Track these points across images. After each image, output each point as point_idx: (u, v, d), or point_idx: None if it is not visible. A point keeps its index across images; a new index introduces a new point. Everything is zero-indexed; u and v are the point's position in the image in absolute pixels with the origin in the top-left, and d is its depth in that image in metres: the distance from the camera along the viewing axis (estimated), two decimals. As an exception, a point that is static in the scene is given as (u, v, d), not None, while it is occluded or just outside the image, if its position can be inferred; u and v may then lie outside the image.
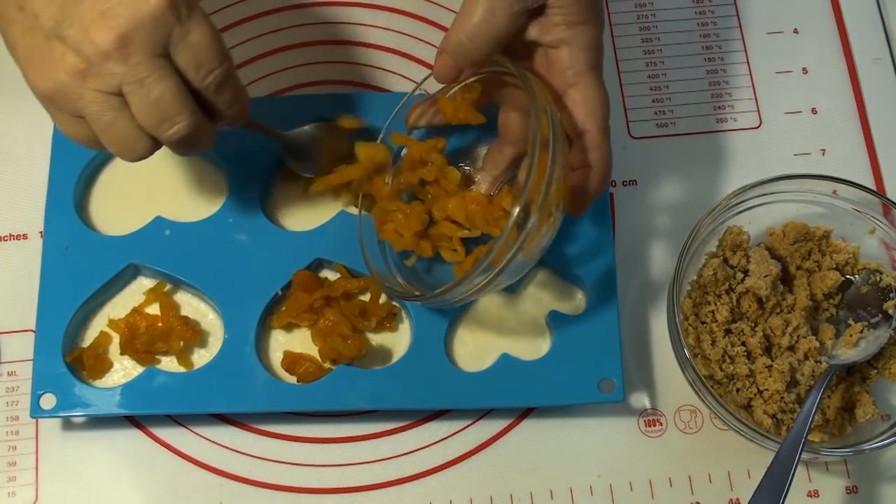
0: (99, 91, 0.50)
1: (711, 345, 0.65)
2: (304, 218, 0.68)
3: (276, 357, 0.66)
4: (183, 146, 0.53)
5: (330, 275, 0.68)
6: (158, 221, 0.67)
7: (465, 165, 0.67)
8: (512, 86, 0.61)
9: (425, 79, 0.64)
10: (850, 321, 0.67)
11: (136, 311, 0.66)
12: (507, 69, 0.58)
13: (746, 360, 0.65)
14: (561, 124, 0.57)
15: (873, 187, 0.72)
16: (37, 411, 0.62)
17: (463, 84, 0.63)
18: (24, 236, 0.70)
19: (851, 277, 0.68)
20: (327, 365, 0.65)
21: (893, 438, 0.61)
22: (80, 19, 0.48)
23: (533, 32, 0.58)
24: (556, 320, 0.66)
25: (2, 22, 0.52)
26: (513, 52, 0.59)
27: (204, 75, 0.51)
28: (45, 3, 0.49)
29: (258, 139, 0.68)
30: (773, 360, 0.65)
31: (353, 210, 0.67)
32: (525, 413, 0.67)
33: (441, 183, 0.63)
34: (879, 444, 0.62)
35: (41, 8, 0.49)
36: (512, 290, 0.67)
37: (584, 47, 0.58)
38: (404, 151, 0.65)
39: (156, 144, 0.53)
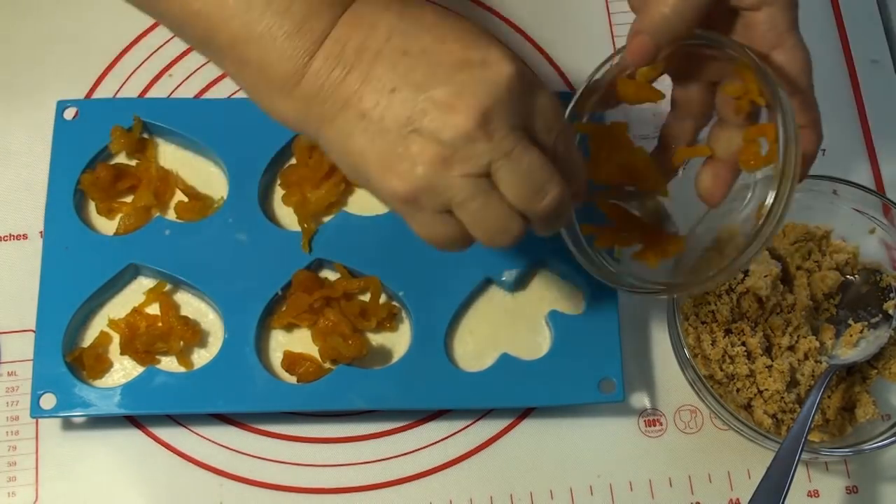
0: (467, 176, 0.47)
1: (711, 345, 0.65)
2: (305, 218, 0.68)
3: (276, 357, 0.66)
4: (554, 217, 0.50)
5: (330, 275, 0.68)
6: (158, 221, 0.67)
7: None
8: (695, 57, 0.58)
9: (605, 63, 0.59)
10: (850, 321, 0.67)
11: (136, 311, 0.66)
12: (717, 42, 0.55)
13: (746, 360, 0.65)
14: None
15: (873, 187, 0.72)
16: (37, 411, 0.62)
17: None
18: (24, 236, 0.70)
19: (851, 277, 0.68)
20: (327, 365, 0.65)
21: (893, 438, 0.61)
22: (433, 107, 0.46)
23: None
24: (556, 320, 0.66)
25: (341, 139, 0.48)
26: (710, 21, 0.56)
27: (555, 136, 0.49)
28: (389, 104, 0.46)
29: (258, 137, 0.68)
30: (773, 360, 0.65)
31: (355, 211, 0.68)
32: (525, 413, 0.67)
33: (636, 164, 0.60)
34: (879, 444, 0.62)
35: (386, 108, 0.46)
36: (512, 290, 0.67)
37: (785, 6, 0.55)
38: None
39: (526, 223, 0.50)
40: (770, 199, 0.53)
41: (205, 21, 0.49)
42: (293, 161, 0.69)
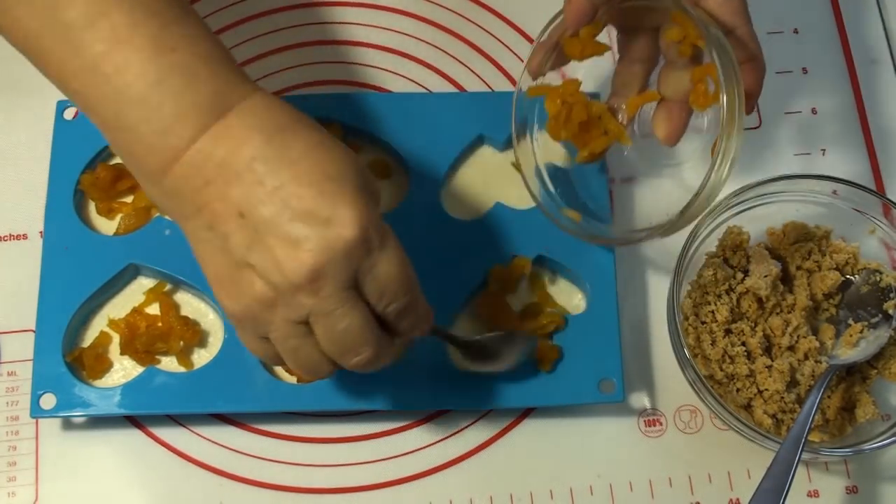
0: (286, 320, 0.49)
1: (711, 345, 0.65)
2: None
3: (276, 357, 0.66)
4: (365, 370, 0.53)
5: (330, 275, 0.68)
6: (158, 221, 0.67)
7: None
8: (633, 9, 0.60)
9: (552, 22, 0.62)
10: (850, 321, 0.67)
11: (136, 311, 0.66)
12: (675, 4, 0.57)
13: (746, 360, 0.65)
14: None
15: (873, 187, 0.72)
16: (37, 411, 0.62)
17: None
18: (24, 236, 0.70)
19: (851, 277, 0.68)
20: (327, 365, 0.65)
21: (893, 438, 0.61)
22: (270, 248, 0.47)
23: None
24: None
25: (191, 239, 0.51)
26: None
27: (386, 304, 0.50)
28: (235, 228, 0.48)
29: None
30: (773, 360, 0.65)
31: None
32: (525, 413, 0.67)
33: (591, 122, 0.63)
34: (879, 444, 0.62)
35: (231, 231, 0.48)
36: (511, 290, 0.67)
37: None
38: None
39: (337, 367, 0.53)
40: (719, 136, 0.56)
41: (82, 100, 0.50)
42: None
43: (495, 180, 0.69)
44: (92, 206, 0.68)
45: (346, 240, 0.47)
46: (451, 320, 0.66)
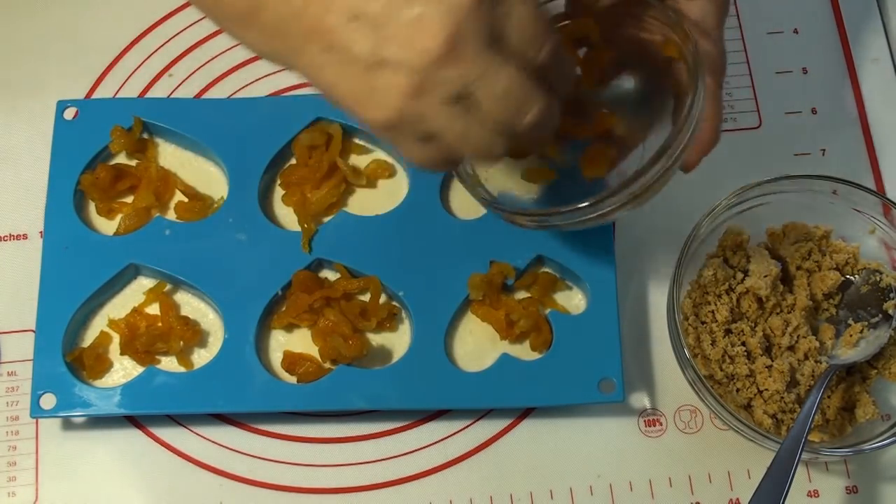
0: (442, 102, 0.45)
1: (711, 345, 0.65)
2: (304, 218, 0.68)
3: (276, 357, 0.66)
4: (539, 132, 0.48)
5: (330, 275, 0.68)
6: (158, 221, 0.67)
7: None
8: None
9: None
10: (850, 321, 0.67)
11: (136, 311, 0.66)
12: (654, 8, 0.57)
13: (746, 360, 0.65)
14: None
15: (873, 187, 0.72)
16: (37, 411, 0.62)
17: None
18: (24, 236, 0.70)
19: (851, 277, 0.68)
20: (327, 365, 0.65)
21: (893, 438, 0.61)
22: (395, 35, 0.44)
23: None
24: (556, 320, 0.66)
25: (311, 74, 0.47)
26: None
27: (537, 50, 0.46)
28: (353, 33, 0.44)
29: (258, 137, 0.68)
30: (773, 360, 0.65)
31: (355, 211, 0.68)
32: (525, 413, 0.67)
33: None
34: (879, 444, 0.62)
35: (351, 38, 0.44)
36: (511, 290, 0.67)
37: (719, 4, 0.56)
38: None
39: (511, 140, 0.48)
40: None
41: None
42: (293, 161, 0.69)
43: (495, 180, 0.69)
44: (92, 206, 0.68)
45: None
46: (452, 320, 0.66)
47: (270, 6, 0.46)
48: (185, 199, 0.68)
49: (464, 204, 0.69)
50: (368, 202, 0.69)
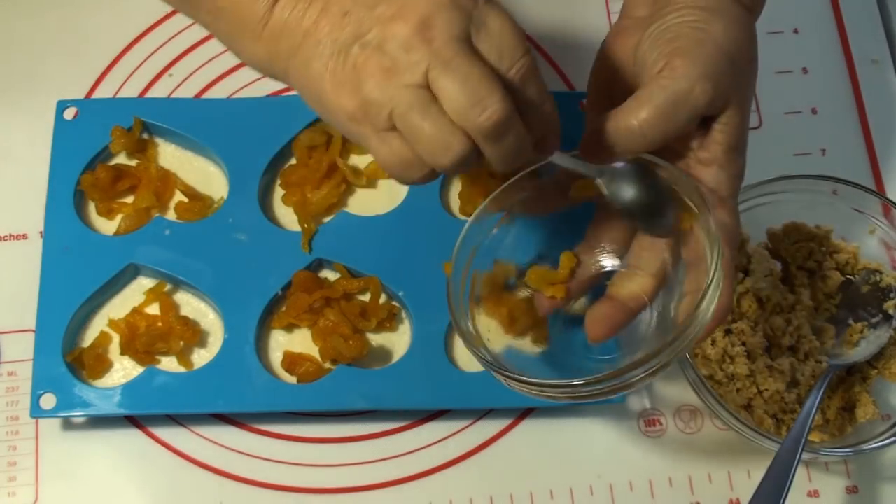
0: (407, 86, 0.46)
1: (711, 345, 0.65)
2: (304, 218, 0.68)
3: (276, 357, 0.66)
4: (498, 139, 0.47)
5: (330, 275, 0.68)
6: (158, 221, 0.67)
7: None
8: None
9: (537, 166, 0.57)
10: (851, 321, 0.67)
11: (136, 311, 0.66)
12: (670, 172, 0.54)
13: (746, 360, 0.65)
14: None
15: (873, 187, 0.72)
16: (37, 411, 0.62)
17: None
18: (24, 236, 0.70)
19: (851, 277, 0.68)
20: (327, 365, 0.65)
21: (893, 438, 0.61)
22: (378, 21, 0.47)
23: (694, 142, 0.54)
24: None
25: (304, 66, 0.49)
26: (663, 151, 0.54)
27: (508, 66, 0.47)
28: (344, 27, 0.47)
29: (258, 138, 0.68)
30: (773, 360, 0.65)
31: (355, 211, 0.68)
32: (525, 413, 0.67)
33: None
34: (879, 444, 0.62)
35: (342, 31, 0.48)
36: (511, 289, 0.67)
37: (734, 174, 0.55)
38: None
39: (470, 141, 0.47)
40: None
41: None
42: (293, 161, 0.69)
43: (495, 180, 0.69)
44: (92, 206, 0.68)
45: None
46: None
47: (276, 16, 0.50)
48: (185, 199, 0.68)
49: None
50: (368, 202, 0.69)
